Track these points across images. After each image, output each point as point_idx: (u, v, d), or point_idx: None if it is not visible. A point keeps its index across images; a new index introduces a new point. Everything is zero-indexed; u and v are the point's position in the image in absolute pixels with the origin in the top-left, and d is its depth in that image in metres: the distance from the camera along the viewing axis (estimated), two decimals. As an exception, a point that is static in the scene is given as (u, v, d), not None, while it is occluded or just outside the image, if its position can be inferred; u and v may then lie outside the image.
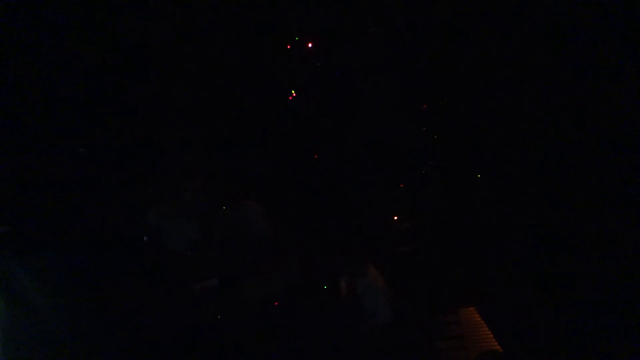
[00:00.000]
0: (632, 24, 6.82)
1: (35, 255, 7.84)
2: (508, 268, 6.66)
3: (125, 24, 9.16)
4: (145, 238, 8.19)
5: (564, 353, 6.15)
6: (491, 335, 6.34)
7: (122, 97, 8.92)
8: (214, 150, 9.08)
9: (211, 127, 8.98)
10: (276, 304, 7.02)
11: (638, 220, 6.14)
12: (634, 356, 5.76)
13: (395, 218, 7.25)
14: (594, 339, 6.01)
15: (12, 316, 6.65)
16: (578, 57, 6.79)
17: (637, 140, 6.33)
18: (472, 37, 7.23)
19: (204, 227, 8.02)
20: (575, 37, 6.87)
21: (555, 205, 6.61)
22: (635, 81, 6.55)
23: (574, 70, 7.01)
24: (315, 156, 8.68)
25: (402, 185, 7.51)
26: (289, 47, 9.34)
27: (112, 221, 8.43)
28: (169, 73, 9.21)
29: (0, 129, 9.18)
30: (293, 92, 9.31)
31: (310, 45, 9.22)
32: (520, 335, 6.24)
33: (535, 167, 6.82)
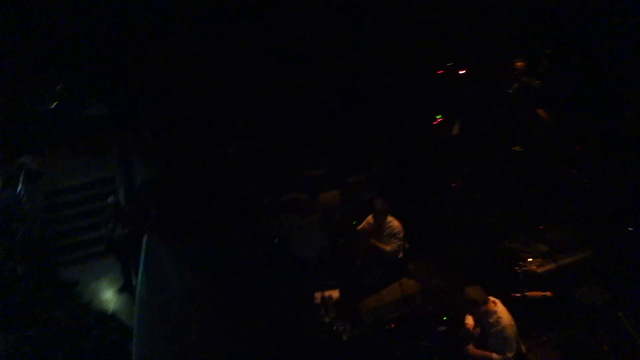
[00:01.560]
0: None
1: (179, 242, 8.47)
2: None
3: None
4: (276, 240, 8.54)
5: None
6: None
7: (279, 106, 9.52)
8: (351, 168, 9.33)
9: (350, 148, 9.29)
10: (392, 326, 6.92)
11: None
12: None
13: (530, 260, 6.83)
14: None
15: (150, 292, 7.23)
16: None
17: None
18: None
19: (333, 239, 8.20)
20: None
21: None
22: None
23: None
24: (453, 184, 8.55)
25: (541, 227, 7.11)
26: (440, 72, 9.41)
27: (251, 220, 8.90)
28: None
29: (162, 130, 10.20)
30: (438, 117, 9.29)
31: (463, 71, 9.20)
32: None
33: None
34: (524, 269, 6.27)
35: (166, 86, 9.98)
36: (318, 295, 7.41)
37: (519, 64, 8.07)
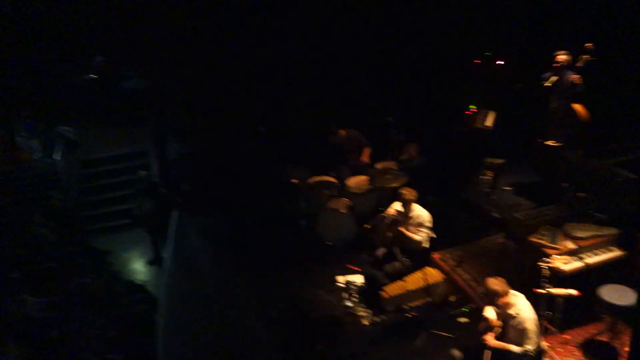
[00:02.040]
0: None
1: (209, 220, 8.60)
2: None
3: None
4: (303, 222, 8.60)
5: None
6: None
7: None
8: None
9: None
10: (413, 314, 6.94)
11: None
12: None
13: (557, 257, 6.74)
14: None
15: (178, 267, 7.40)
16: None
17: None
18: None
19: (359, 224, 8.22)
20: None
21: None
22: None
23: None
24: (482, 176, 8.45)
25: (569, 224, 7.00)
26: (478, 61, 9.29)
27: (280, 201, 8.97)
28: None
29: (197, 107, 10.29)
30: (471, 107, 9.19)
31: (500, 62, 9.07)
32: None
33: None
34: (549, 265, 6.20)
35: (202, 63, 10.08)
36: (341, 279, 7.46)
37: (561, 57, 7.81)
